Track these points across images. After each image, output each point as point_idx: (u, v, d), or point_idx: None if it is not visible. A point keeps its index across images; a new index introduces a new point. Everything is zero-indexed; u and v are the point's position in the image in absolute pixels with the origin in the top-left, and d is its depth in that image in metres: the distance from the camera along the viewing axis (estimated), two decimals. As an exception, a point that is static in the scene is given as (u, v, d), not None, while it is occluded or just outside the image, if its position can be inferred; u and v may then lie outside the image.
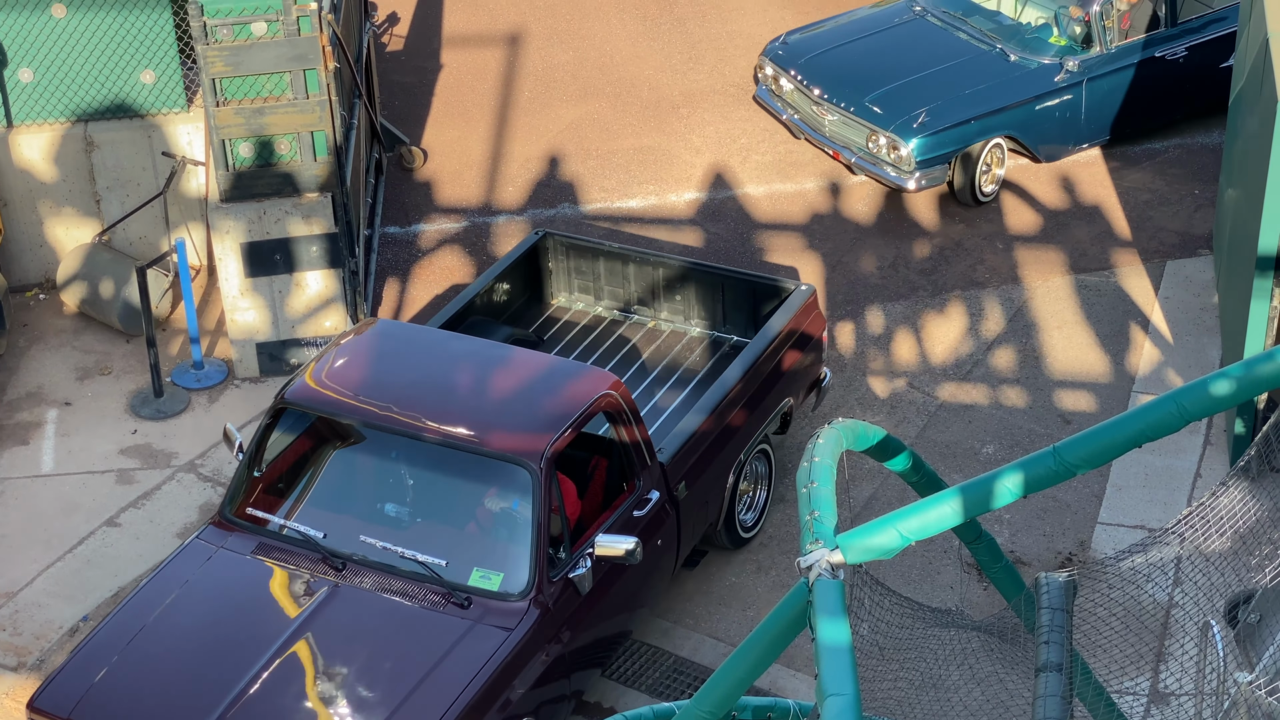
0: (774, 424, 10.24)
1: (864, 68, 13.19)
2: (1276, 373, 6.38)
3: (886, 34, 13.60)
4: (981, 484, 6.62)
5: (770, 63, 13.60)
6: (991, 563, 8.48)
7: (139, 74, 11.72)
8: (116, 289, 11.72)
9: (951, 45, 13.31)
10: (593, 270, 11.06)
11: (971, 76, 12.93)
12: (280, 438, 9.12)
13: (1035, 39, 13.20)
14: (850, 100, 12.91)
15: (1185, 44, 13.25)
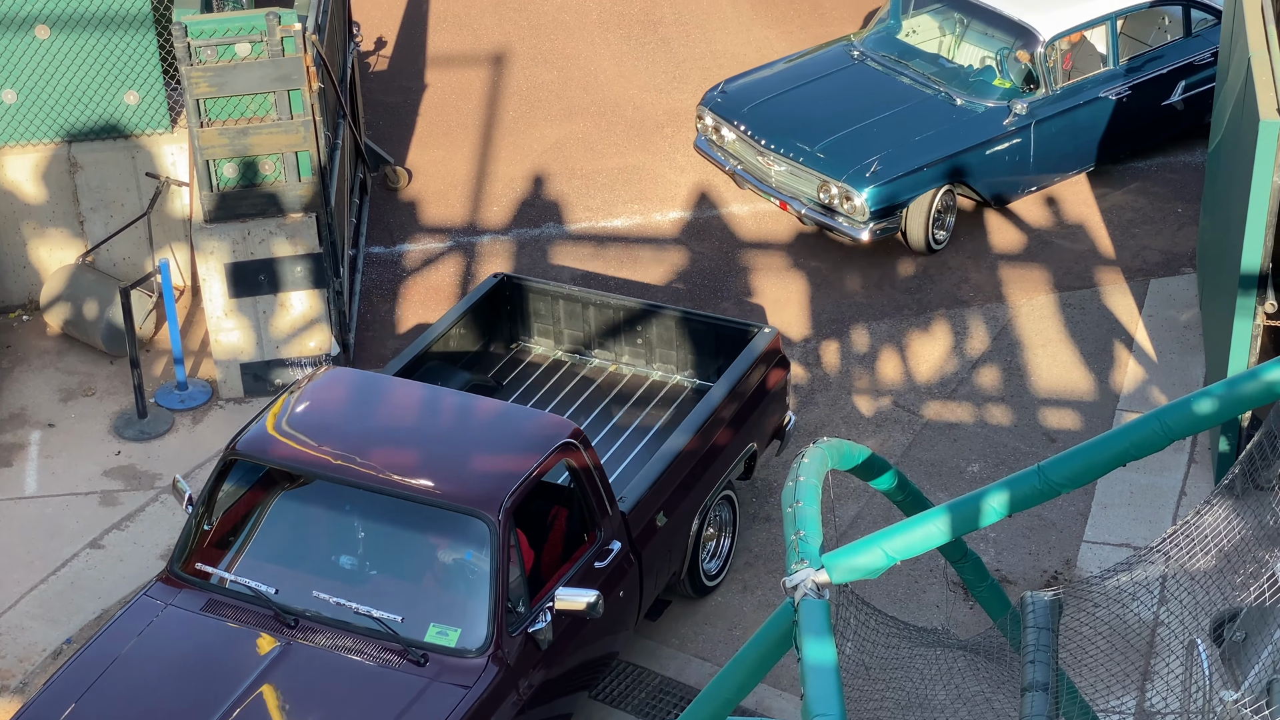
0: (738, 469, 10.03)
1: (810, 116, 12.86)
2: (1259, 391, 6.40)
3: (828, 80, 13.26)
4: (966, 503, 6.63)
5: (710, 112, 13.18)
6: (977, 581, 8.49)
7: (123, 95, 11.71)
8: (100, 310, 11.69)
9: (896, 91, 13.01)
10: (552, 314, 10.90)
11: (920, 123, 12.66)
12: (231, 489, 8.85)
13: (979, 82, 12.92)
14: (798, 150, 12.57)
15: (1128, 83, 13.06)
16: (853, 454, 7.67)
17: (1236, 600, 7.25)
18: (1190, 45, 13.35)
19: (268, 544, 8.76)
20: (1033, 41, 12.76)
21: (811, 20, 15.79)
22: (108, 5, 11.39)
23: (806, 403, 11.47)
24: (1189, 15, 13.37)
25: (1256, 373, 6.40)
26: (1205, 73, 13.31)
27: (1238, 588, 7.19)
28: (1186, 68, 13.28)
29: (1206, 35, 13.39)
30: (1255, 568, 7.15)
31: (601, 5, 16.15)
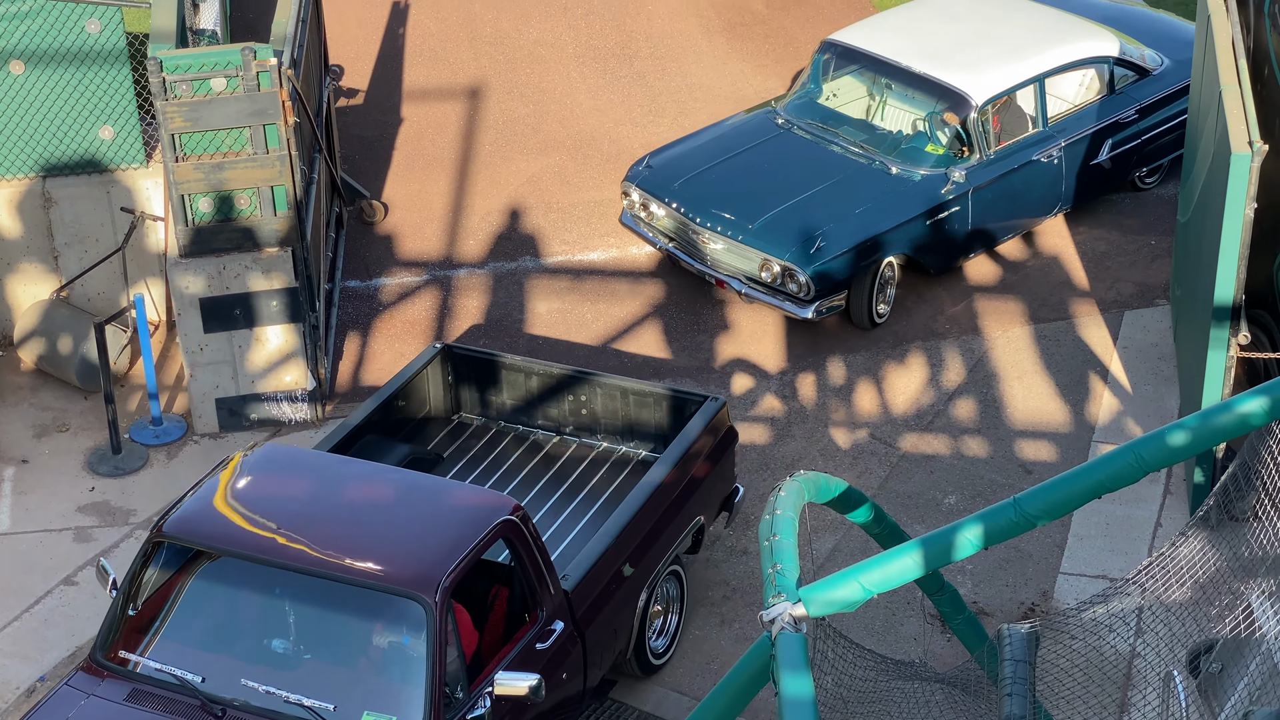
0: (685, 543, 9.76)
1: (745, 190, 12.41)
2: (1233, 423, 6.42)
3: (758, 151, 12.80)
4: (943, 536, 6.63)
5: (637, 189, 12.69)
6: (954, 614, 8.49)
7: (98, 130, 11.69)
8: (74, 345, 11.65)
9: (828, 160, 12.58)
10: (494, 384, 10.59)
11: (858, 194, 12.25)
12: (157, 572, 8.48)
13: (912, 149, 12.55)
14: (736, 228, 12.13)
15: (1059, 144, 12.80)
16: (829, 487, 7.68)
17: (1213, 632, 7.27)
18: (1114, 103, 13.17)
19: (194, 629, 8.39)
20: (965, 106, 12.47)
21: (786, 54, 15.86)
22: (83, 40, 11.39)
23: (783, 435, 11.47)
24: (1112, 73, 13.19)
25: (1230, 405, 6.43)
26: (1129, 130, 13.16)
27: (1214, 619, 7.21)
28: (1113, 126, 13.09)
29: (1129, 92, 13.23)
30: (1231, 599, 7.17)
31: (577, 39, 16.20)
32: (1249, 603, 7.12)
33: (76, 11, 11.30)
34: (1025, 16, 13.47)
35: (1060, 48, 12.98)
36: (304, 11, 12.11)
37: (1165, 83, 13.41)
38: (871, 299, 12.16)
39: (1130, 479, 6.50)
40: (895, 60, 12.89)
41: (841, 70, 13.21)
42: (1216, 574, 7.35)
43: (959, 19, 13.38)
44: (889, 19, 13.57)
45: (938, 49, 12.94)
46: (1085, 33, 13.26)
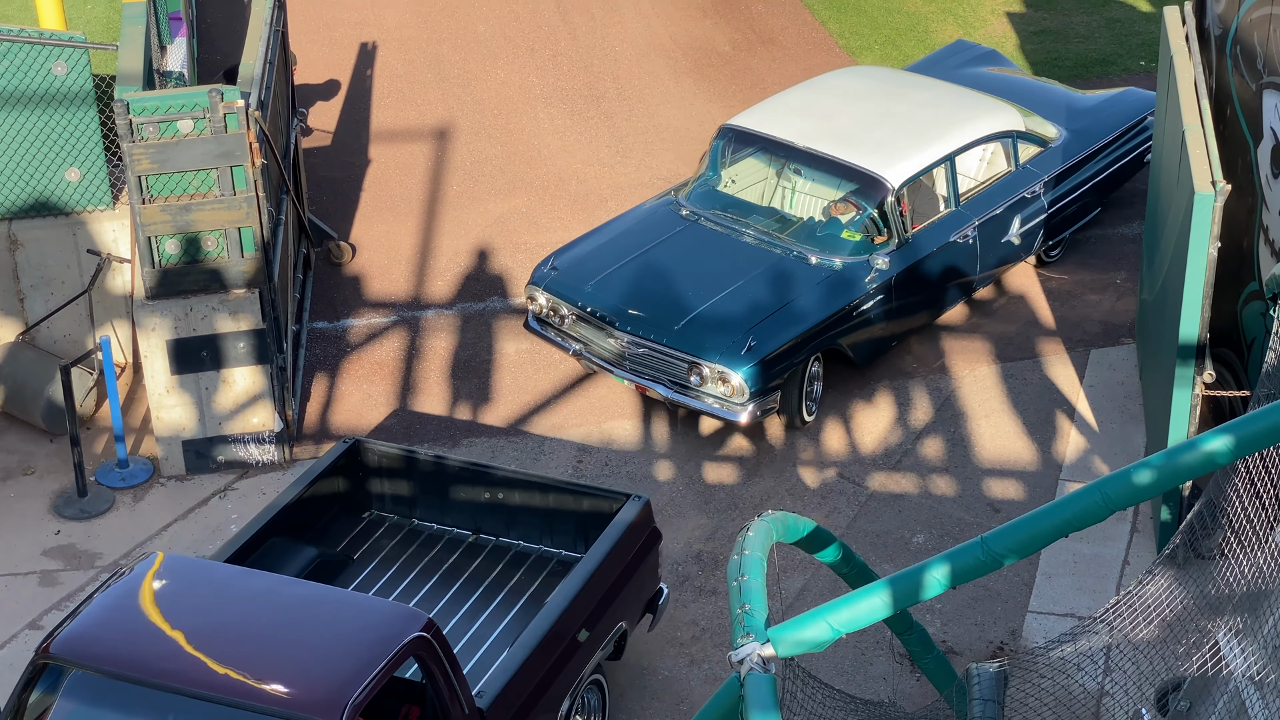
0: (608, 650, 9.33)
1: (661, 289, 11.76)
2: (1199, 461, 6.45)
3: (668, 245, 12.14)
4: (911, 575, 6.64)
5: (544, 292, 11.99)
6: (923, 653, 8.49)
7: (64, 172, 11.67)
8: (40, 388, 11.60)
9: (744, 253, 12.00)
10: (408, 479, 10.08)
11: (781, 288, 11.71)
12: (42, 697, 7.94)
13: (829, 237, 12.04)
14: (658, 330, 11.48)
15: (972, 224, 12.41)
16: (797, 527, 7.68)
17: (1180, 670, 7.28)
18: (1020, 178, 12.84)
19: None
20: (881, 190, 12.02)
21: (754, 95, 15.93)
22: (49, 82, 11.37)
23: (752, 475, 11.48)
24: (1015, 147, 12.88)
25: (1195, 443, 6.46)
26: (1035, 205, 12.86)
27: (1181, 657, 7.22)
28: (1020, 201, 12.78)
29: (1032, 166, 12.94)
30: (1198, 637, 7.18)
31: (544, 80, 16.25)
32: (1216, 640, 7.14)
33: (43, 54, 11.29)
34: (924, 93, 13.11)
35: (966, 125, 12.66)
36: (271, 53, 12.12)
37: (1065, 155, 13.17)
38: (800, 397, 11.64)
39: (1097, 517, 6.52)
40: (804, 145, 12.38)
41: (742, 156, 12.69)
42: (1184, 612, 7.37)
43: (858, 98, 12.97)
44: (787, 100, 13.03)
45: (844, 131, 12.48)
46: (988, 108, 12.96)
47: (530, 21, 17.37)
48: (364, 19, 17.49)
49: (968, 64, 14.59)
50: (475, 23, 17.39)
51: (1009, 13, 17.47)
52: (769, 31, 17.18)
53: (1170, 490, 9.76)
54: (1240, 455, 6.48)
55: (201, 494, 11.29)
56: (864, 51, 16.71)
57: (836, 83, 13.31)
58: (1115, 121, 13.66)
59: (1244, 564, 7.24)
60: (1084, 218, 13.47)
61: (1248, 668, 6.91)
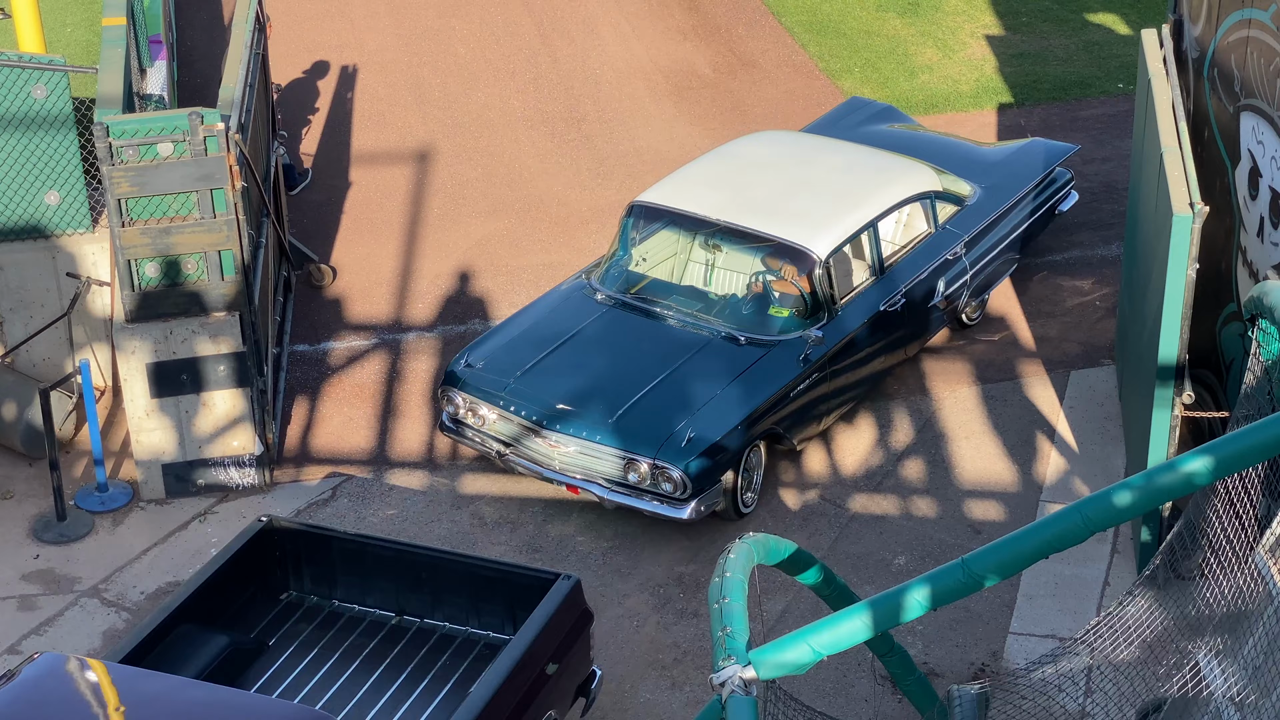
0: None
1: (587, 382, 11.08)
2: (1178, 482, 6.46)
3: (589, 334, 11.47)
4: (891, 597, 6.64)
5: (460, 393, 11.25)
6: (905, 675, 8.50)
7: (44, 195, 11.65)
8: (19, 411, 11.56)
9: (669, 337, 11.36)
10: (327, 560, 9.56)
11: (714, 372, 11.08)
12: None
13: (756, 314, 11.47)
14: (589, 427, 10.81)
15: (899, 290, 11.94)
16: (778, 549, 7.68)
17: (1161, 691, 7.29)
18: (941, 240, 12.39)
19: None
20: (808, 262, 11.44)
21: (733, 117, 15.98)
22: (29, 105, 11.35)
23: (733, 497, 11.48)
24: (933, 208, 12.44)
25: (1174, 464, 6.47)
26: (958, 267, 12.42)
27: (1162, 678, 7.23)
28: (943, 264, 12.32)
29: (952, 227, 12.52)
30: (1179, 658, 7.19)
31: (525, 102, 16.27)
32: (1197, 661, 7.15)
33: (22, 77, 11.27)
34: (838, 157, 12.59)
35: (886, 188, 12.19)
36: (251, 76, 12.12)
37: (982, 213, 12.74)
38: (737, 487, 10.96)
39: (1077, 539, 6.53)
40: (722, 219, 11.75)
41: (655, 233, 12.04)
42: (1164, 633, 7.38)
43: (770, 166, 12.41)
44: (697, 172, 12.40)
45: (762, 202, 11.91)
46: (904, 169, 12.53)
47: (511, 44, 17.41)
48: (345, 42, 17.51)
49: (867, 121, 14.09)
50: (456, 46, 17.42)
51: (988, 36, 17.55)
52: (749, 55, 17.23)
53: (1150, 511, 9.78)
54: (1220, 476, 6.50)
55: (181, 518, 11.26)
56: (844, 74, 16.76)
57: (746, 150, 12.68)
58: (1027, 175, 13.29)
59: (1224, 584, 7.26)
60: (1003, 276, 13.09)
61: (1228, 688, 6.92)
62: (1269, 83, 9.88)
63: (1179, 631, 7.33)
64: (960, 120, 15.99)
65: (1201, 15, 10.95)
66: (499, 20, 17.92)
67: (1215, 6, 10.67)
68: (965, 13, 18.01)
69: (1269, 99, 9.90)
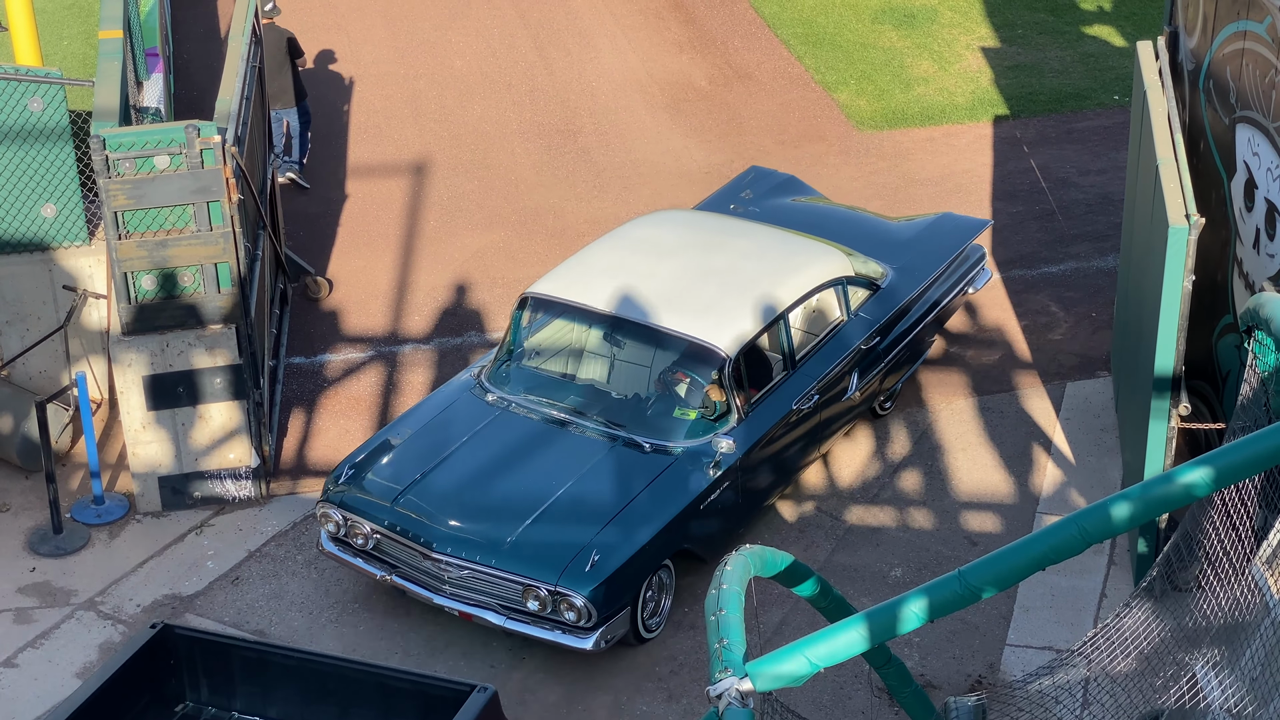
0: None
1: (479, 497, 10.12)
2: (1175, 494, 6.46)
3: (479, 442, 10.51)
4: (888, 609, 6.64)
5: (340, 510, 10.28)
6: (901, 687, 8.48)
7: (40, 208, 11.65)
8: (15, 424, 11.55)
9: (567, 445, 10.44)
10: (226, 669, 8.93)
11: (618, 486, 10.17)
12: None
13: (660, 418, 10.56)
14: (483, 549, 9.85)
15: (812, 385, 11.05)
16: (775, 561, 7.67)
17: (1158, 702, 7.29)
18: (854, 328, 11.52)
19: None
20: (716, 360, 10.55)
21: (729, 130, 15.99)
22: (26, 118, 11.36)
23: (730, 509, 11.47)
24: (846, 294, 11.55)
25: (1171, 476, 6.47)
26: (872, 356, 11.59)
27: (1159, 690, 7.23)
28: (857, 354, 11.43)
29: (865, 313, 11.65)
30: (1175, 670, 7.19)
31: (521, 115, 16.28)
32: (1194, 672, 7.15)
33: (19, 90, 11.28)
34: (743, 241, 11.66)
35: (797, 275, 11.29)
36: (248, 89, 12.13)
37: (896, 296, 11.88)
38: (639, 613, 10.06)
39: (1074, 550, 6.53)
40: (621, 313, 10.84)
41: (549, 327, 11.13)
42: (1161, 644, 7.38)
43: (672, 252, 11.42)
44: (594, 258, 11.42)
45: (665, 293, 10.96)
46: (815, 254, 11.61)
47: (507, 57, 17.42)
48: (341, 55, 17.53)
49: (769, 194, 13.18)
50: (452, 58, 17.43)
51: (983, 48, 17.57)
52: (745, 67, 17.25)
53: (1147, 523, 9.79)
54: (1216, 488, 6.50)
55: (178, 530, 11.25)
56: (840, 87, 16.78)
57: (645, 234, 11.68)
58: (940, 253, 12.41)
59: (1221, 596, 7.26)
60: (917, 361, 12.27)
61: (1225, 700, 6.91)
62: (1264, 95, 9.90)
63: (1176, 643, 7.33)
64: (956, 133, 16.01)
65: (1197, 27, 10.97)
66: (495, 33, 17.94)
67: (1211, 18, 10.69)
68: (961, 25, 18.03)
69: (1264, 111, 9.92)
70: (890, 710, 9.83)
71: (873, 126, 16.11)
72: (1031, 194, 15.06)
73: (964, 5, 18.45)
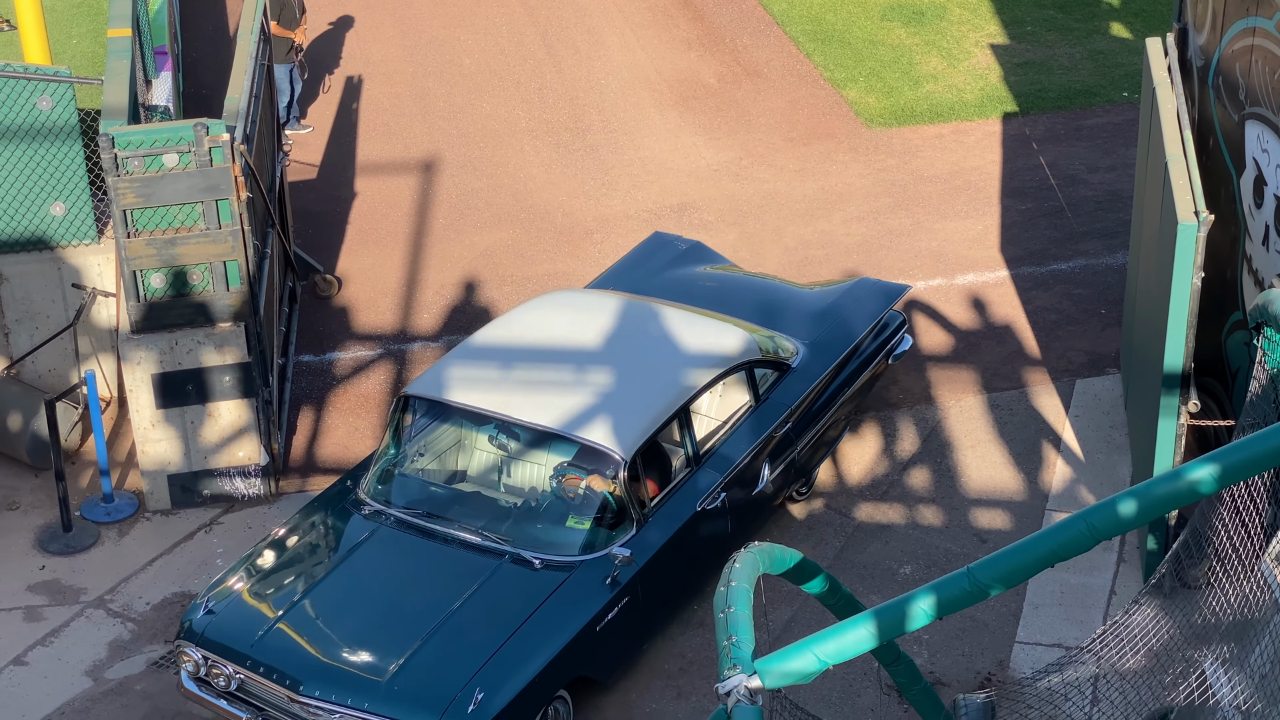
0: None
1: (352, 630, 9.14)
2: (1183, 491, 6.46)
3: (354, 563, 9.59)
4: (897, 606, 6.63)
5: (199, 649, 9.26)
6: (910, 684, 8.48)
7: (49, 206, 11.66)
8: (25, 422, 11.57)
9: (450, 563, 9.52)
10: None
11: (506, 609, 9.26)
12: None
13: (551, 529, 9.69)
14: (356, 691, 8.85)
15: (717, 482, 10.22)
16: (784, 558, 7.67)
17: (1167, 699, 7.28)
18: (764, 415, 10.68)
19: None
20: (610, 464, 9.65)
21: (739, 127, 15.98)
22: (35, 117, 11.37)
23: (738, 507, 11.46)
24: (754, 379, 10.73)
25: (1180, 473, 6.46)
26: (783, 442, 10.77)
27: (1168, 687, 7.22)
28: (766, 442, 10.60)
29: (775, 397, 10.83)
30: (1185, 667, 7.18)
31: (530, 113, 16.28)
32: (1203, 670, 7.14)
33: (28, 88, 11.29)
34: (640, 324, 10.75)
35: (699, 364, 10.40)
36: (256, 87, 12.14)
37: (809, 376, 11.04)
38: None
39: (1083, 547, 6.52)
40: (507, 415, 9.91)
41: (431, 430, 10.26)
42: (1170, 641, 7.37)
43: (563, 340, 10.54)
44: (479, 350, 10.54)
45: (554, 390, 10.08)
46: (719, 335, 10.74)
47: (516, 55, 17.43)
48: (350, 52, 17.54)
49: (673, 263, 12.31)
50: (461, 56, 17.44)
51: (992, 45, 17.55)
52: (754, 64, 17.25)
53: (1156, 520, 9.77)
54: (1225, 484, 6.49)
55: (187, 528, 11.26)
56: (849, 84, 16.77)
57: (535, 320, 10.75)
58: (856, 324, 11.57)
59: (1230, 593, 7.24)
60: (836, 442, 11.50)
61: (1234, 697, 6.91)
62: (1274, 91, 9.88)
63: (1185, 640, 7.32)
64: (966, 130, 16.00)
65: (1206, 23, 10.95)
66: (504, 31, 17.94)
67: (1220, 15, 10.67)
68: (970, 22, 18.01)
69: (1273, 107, 9.90)
70: (899, 707, 9.83)
71: (882, 124, 16.10)
72: (1041, 191, 15.04)
73: (973, 2, 18.43)
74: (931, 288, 13.65)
